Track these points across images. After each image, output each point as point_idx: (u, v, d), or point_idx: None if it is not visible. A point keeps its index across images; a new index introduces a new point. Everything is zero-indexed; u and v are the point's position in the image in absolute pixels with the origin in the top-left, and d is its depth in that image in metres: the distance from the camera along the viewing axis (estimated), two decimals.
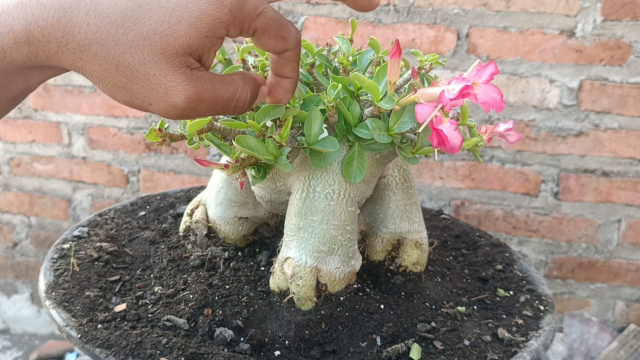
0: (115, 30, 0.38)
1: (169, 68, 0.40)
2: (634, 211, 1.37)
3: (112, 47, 0.39)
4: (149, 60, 0.39)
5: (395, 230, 0.75)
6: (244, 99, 0.44)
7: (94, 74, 0.40)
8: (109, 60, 0.39)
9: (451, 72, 1.33)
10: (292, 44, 0.44)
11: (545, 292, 0.79)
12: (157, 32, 0.39)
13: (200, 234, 0.79)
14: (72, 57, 0.39)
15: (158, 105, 0.41)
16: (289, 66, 0.46)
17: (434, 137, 0.50)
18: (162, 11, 0.39)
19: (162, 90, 0.40)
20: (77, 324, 0.62)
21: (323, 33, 1.35)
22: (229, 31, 0.41)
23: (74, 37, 0.38)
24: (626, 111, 1.30)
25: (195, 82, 0.41)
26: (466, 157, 1.39)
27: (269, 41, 0.43)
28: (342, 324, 0.65)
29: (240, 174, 0.60)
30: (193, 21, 0.39)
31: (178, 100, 0.40)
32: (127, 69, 0.39)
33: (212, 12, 0.39)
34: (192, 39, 0.40)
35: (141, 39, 0.39)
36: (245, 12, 0.40)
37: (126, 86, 0.40)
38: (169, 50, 0.39)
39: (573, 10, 1.26)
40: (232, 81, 0.43)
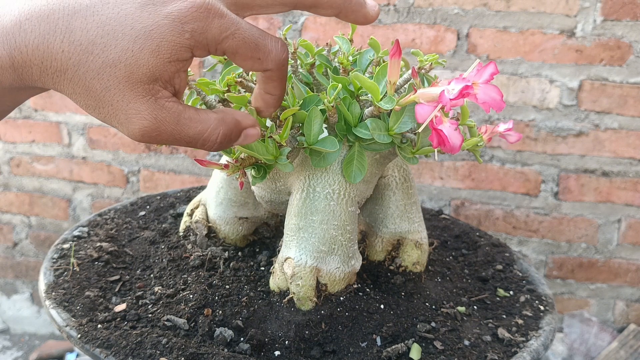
0: (85, 58, 0.39)
1: (132, 96, 0.40)
2: (634, 211, 1.37)
3: (83, 73, 0.40)
4: (113, 87, 0.40)
5: (395, 230, 0.75)
6: (213, 140, 0.43)
7: (71, 96, 0.41)
8: (81, 86, 0.40)
9: (451, 72, 1.33)
10: (271, 65, 0.43)
11: (545, 292, 0.79)
12: (122, 60, 0.39)
13: (200, 234, 0.79)
14: (52, 81, 0.40)
15: (121, 129, 0.42)
16: (270, 84, 0.45)
17: (434, 137, 0.50)
18: (126, 39, 0.39)
19: (122, 116, 0.41)
20: (77, 324, 0.62)
21: (323, 33, 1.35)
22: (194, 53, 0.41)
23: (51, 64, 0.40)
24: (626, 111, 1.30)
25: (157, 112, 0.41)
26: (466, 157, 1.39)
27: (242, 62, 0.42)
28: (342, 324, 0.65)
29: (240, 174, 0.60)
30: (154, 49, 0.39)
31: (135, 129, 0.41)
32: (96, 94, 0.40)
33: (172, 38, 0.39)
34: (154, 67, 0.40)
35: (107, 67, 0.39)
36: (209, 37, 0.40)
37: (96, 109, 0.41)
38: (132, 79, 0.40)
39: (573, 10, 1.26)
40: (204, 120, 0.43)
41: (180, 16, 0.39)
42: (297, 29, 1.37)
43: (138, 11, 0.40)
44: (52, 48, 0.39)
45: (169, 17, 0.39)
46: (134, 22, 0.39)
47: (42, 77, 0.40)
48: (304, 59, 0.68)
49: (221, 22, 0.40)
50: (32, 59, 0.39)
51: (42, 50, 0.39)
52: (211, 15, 0.40)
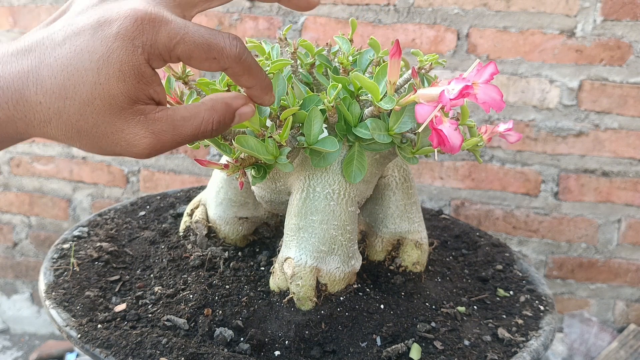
0: (63, 103, 0.40)
1: (122, 123, 0.41)
2: (634, 211, 1.37)
3: (67, 118, 0.40)
4: (101, 122, 0.41)
5: (395, 230, 0.75)
6: (210, 130, 0.44)
7: (67, 141, 0.42)
8: (71, 129, 0.41)
9: (451, 72, 1.33)
10: (228, 62, 0.43)
11: (545, 292, 0.79)
12: (96, 95, 0.40)
13: (200, 234, 0.79)
14: (40, 131, 0.41)
15: (128, 155, 0.43)
16: (241, 79, 0.45)
17: (434, 137, 0.50)
18: (90, 74, 0.40)
19: (124, 144, 0.42)
20: (77, 324, 0.62)
21: (323, 33, 1.35)
22: (152, 65, 0.41)
23: (34, 116, 0.40)
24: (626, 111, 1.30)
25: (153, 127, 0.42)
26: (466, 157, 1.39)
27: (199, 65, 0.42)
28: (342, 324, 0.65)
29: (240, 174, 0.60)
30: (118, 75, 0.40)
31: (140, 150, 0.42)
32: (88, 133, 0.41)
33: (128, 58, 0.40)
34: (127, 90, 0.40)
35: (86, 106, 0.40)
36: (160, 47, 0.40)
37: (95, 144, 0.42)
38: (114, 108, 0.40)
39: (573, 10, 1.26)
40: (195, 114, 0.43)
41: (127, 34, 0.40)
42: (297, 29, 1.37)
43: (91, 41, 0.40)
44: (30, 101, 0.40)
45: (118, 37, 0.40)
46: (91, 54, 0.40)
47: (29, 129, 0.41)
48: (304, 59, 0.68)
49: (168, 30, 0.40)
50: (15, 114, 0.40)
51: (22, 104, 0.40)
52: (156, 24, 0.40)
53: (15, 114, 0.40)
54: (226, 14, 1.39)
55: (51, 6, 1.46)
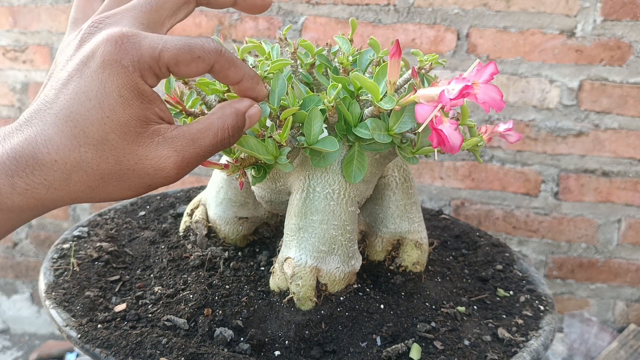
0: (78, 154, 0.39)
1: (144, 149, 0.41)
2: (634, 211, 1.37)
3: (87, 167, 0.40)
4: (122, 156, 0.40)
5: (395, 230, 0.75)
6: (227, 137, 0.44)
7: (90, 195, 0.41)
8: (94, 178, 0.40)
9: (451, 72, 1.33)
10: (212, 57, 0.43)
11: (545, 292, 0.79)
12: (107, 131, 0.39)
13: (200, 234, 0.79)
14: (62, 193, 0.40)
15: (157, 181, 0.42)
16: (228, 73, 0.45)
17: (434, 137, 0.50)
18: (94, 112, 0.39)
19: (151, 170, 0.41)
20: (77, 324, 0.62)
21: (323, 33, 1.35)
22: (148, 82, 0.41)
23: (54, 177, 0.39)
24: (626, 111, 1.30)
25: (174, 144, 0.41)
26: (466, 157, 1.39)
27: (188, 69, 0.42)
28: (342, 324, 0.65)
29: (240, 174, 0.60)
30: (121, 101, 0.39)
31: (168, 171, 0.41)
32: (112, 174, 0.40)
33: (124, 81, 0.40)
34: (135, 113, 0.40)
35: (102, 146, 0.39)
36: (147, 59, 0.40)
37: (123, 185, 0.41)
38: (130, 137, 0.40)
39: (573, 10, 1.26)
40: (209, 125, 0.43)
41: (112, 58, 0.39)
42: (297, 29, 1.37)
43: (82, 82, 0.40)
44: (46, 164, 0.39)
45: (105, 65, 0.39)
46: (87, 93, 0.39)
47: (50, 193, 0.39)
48: (304, 59, 0.68)
49: (148, 42, 0.40)
50: (34, 181, 0.39)
51: (39, 169, 0.39)
52: (135, 40, 0.40)
53: (35, 180, 0.39)
54: (226, 14, 1.39)
55: (51, 6, 1.46)
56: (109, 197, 0.42)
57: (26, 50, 1.52)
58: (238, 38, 1.40)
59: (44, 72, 1.53)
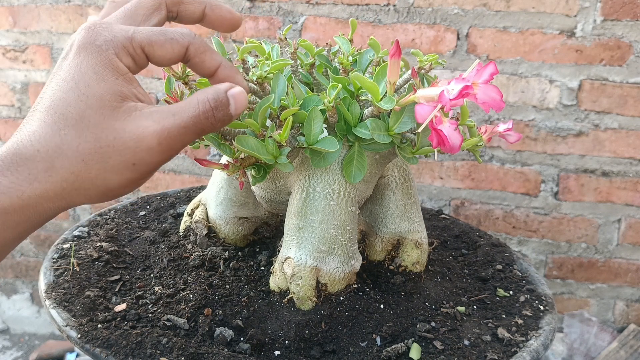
0: (59, 137, 0.40)
1: (121, 123, 0.41)
2: (634, 211, 1.37)
3: (68, 149, 0.40)
4: (101, 132, 0.40)
5: (395, 230, 0.75)
6: (210, 109, 0.43)
7: (72, 181, 0.41)
8: (75, 162, 0.40)
9: (451, 72, 1.33)
10: (186, 38, 0.44)
11: (545, 292, 0.79)
12: (83, 108, 0.40)
13: (200, 233, 0.79)
14: (45, 185, 0.40)
15: (140, 160, 0.41)
16: (204, 57, 0.45)
17: (434, 137, 0.50)
18: (72, 93, 0.41)
19: (131, 143, 0.41)
20: (77, 323, 0.62)
21: (323, 33, 1.35)
22: (123, 61, 0.42)
23: (36, 167, 0.40)
24: (626, 111, 1.30)
25: (152, 116, 0.42)
26: (466, 157, 1.39)
27: (163, 50, 0.43)
28: (342, 323, 0.65)
29: (240, 174, 0.60)
30: (95, 77, 0.41)
31: (149, 141, 0.41)
32: (93, 154, 0.40)
33: (98, 58, 0.41)
34: (110, 87, 0.41)
35: (80, 124, 0.40)
36: (120, 38, 0.42)
37: (105, 165, 0.41)
38: (106, 111, 0.41)
39: (573, 10, 1.26)
40: (188, 101, 0.43)
41: (86, 41, 0.41)
42: (297, 29, 1.37)
43: (62, 73, 0.41)
44: (28, 155, 0.40)
45: (80, 49, 0.41)
46: (65, 80, 0.41)
47: (34, 187, 0.40)
48: (304, 59, 0.68)
49: (120, 27, 0.42)
50: (19, 177, 0.39)
51: (23, 163, 0.40)
52: (108, 25, 0.42)
53: (19, 177, 0.39)
54: None
55: (51, 6, 1.46)
56: (94, 187, 0.41)
57: (26, 50, 1.52)
58: (238, 38, 1.40)
59: (44, 72, 1.53)
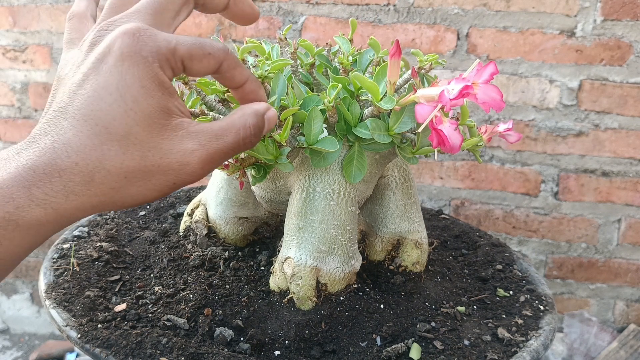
0: (101, 152, 0.37)
1: (169, 142, 0.39)
2: (634, 211, 1.37)
3: (111, 165, 0.38)
4: (148, 150, 0.38)
5: (395, 230, 0.75)
6: (250, 135, 0.43)
7: (113, 197, 0.39)
8: (118, 178, 0.38)
9: (451, 72, 1.33)
10: (221, 54, 0.43)
11: (545, 292, 0.79)
12: (131, 124, 0.38)
13: (200, 233, 0.79)
14: (82, 199, 0.38)
15: (182, 178, 0.40)
16: (235, 73, 0.44)
17: (434, 137, 0.50)
18: (116, 106, 0.38)
19: (176, 165, 0.39)
20: (77, 323, 0.62)
21: (323, 33, 1.35)
22: (166, 74, 0.40)
23: (74, 180, 0.37)
24: (626, 111, 1.30)
25: (198, 138, 0.40)
26: (466, 157, 1.39)
27: (200, 64, 0.42)
28: (342, 323, 0.65)
29: (240, 174, 0.60)
30: (143, 91, 0.38)
31: (193, 167, 0.40)
32: (137, 171, 0.38)
33: (145, 71, 0.38)
34: (158, 104, 0.39)
35: (126, 140, 0.38)
36: (164, 51, 0.39)
37: (148, 184, 0.39)
38: (154, 129, 0.39)
39: (573, 10, 1.26)
40: (231, 122, 0.42)
41: (131, 49, 0.38)
42: (297, 29, 1.37)
43: (101, 77, 0.38)
44: (65, 168, 0.37)
45: (125, 57, 0.38)
46: (107, 88, 0.38)
47: (70, 200, 0.37)
48: (304, 59, 0.68)
49: (163, 35, 0.40)
50: (53, 189, 0.37)
51: (58, 175, 0.37)
52: (151, 34, 0.39)
53: (53, 189, 0.37)
54: None
55: (51, 6, 1.46)
56: (131, 200, 0.40)
57: (26, 50, 1.52)
58: (238, 38, 1.40)
59: (44, 72, 1.53)
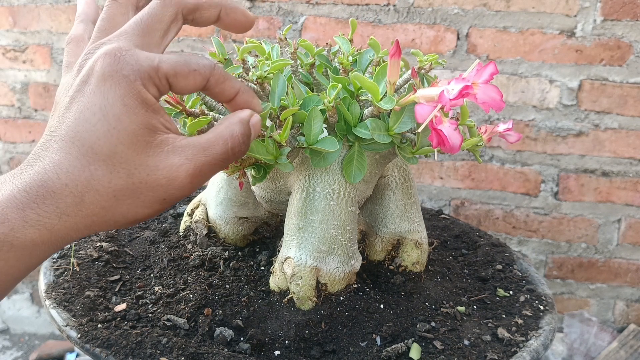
0: (89, 172, 0.38)
1: (154, 159, 0.39)
2: (634, 211, 1.37)
3: (99, 184, 0.38)
4: (134, 168, 0.39)
5: (395, 230, 0.75)
6: (239, 143, 0.43)
7: (103, 216, 0.39)
8: (107, 197, 0.39)
9: (451, 72, 1.33)
10: (208, 70, 0.42)
11: (545, 292, 0.79)
12: (115, 143, 0.38)
13: (200, 233, 0.80)
14: (74, 219, 0.39)
15: (171, 196, 0.40)
16: (224, 87, 0.44)
17: (434, 137, 0.50)
18: (100, 126, 0.38)
19: (164, 181, 0.40)
20: (77, 323, 0.62)
21: (323, 33, 1.35)
22: (150, 91, 0.40)
23: (65, 201, 0.38)
24: (626, 111, 1.30)
25: (184, 153, 0.40)
26: (466, 157, 1.39)
27: (186, 81, 0.41)
28: (342, 323, 0.66)
29: (240, 174, 0.60)
30: (126, 110, 0.39)
31: (181, 180, 0.40)
32: (125, 189, 0.39)
33: (126, 89, 0.39)
34: (141, 121, 0.39)
35: (112, 159, 0.38)
36: (146, 68, 0.39)
37: (137, 201, 0.40)
38: (139, 147, 0.39)
39: (573, 10, 1.26)
40: (217, 134, 0.42)
41: (112, 69, 0.39)
42: (297, 29, 1.37)
43: (85, 100, 0.39)
44: (56, 189, 0.38)
45: (106, 77, 0.39)
46: (90, 109, 0.39)
47: (63, 221, 0.38)
48: (304, 59, 0.68)
49: (145, 54, 0.40)
50: (46, 210, 0.38)
51: (50, 196, 0.38)
52: (133, 53, 0.40)
53: (46, 210, 0.38)
54: None
55: (51, 6, 1.46)
56: (124, 219, 0.40)
57: (26, 50, 1.52)
58: (238, 38, 1.40)
59: (44, 72, 1.53)
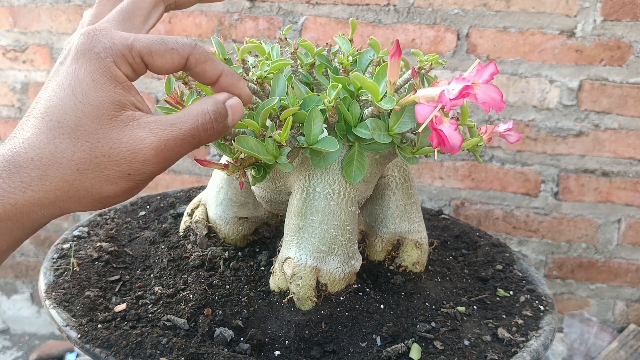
0: (53, 145, 0.39)
1: (118, 132, 0.40)
2: (634, 211, 1.37)
3: (62, 157, 0.39)
4: (97, 141, 0.40)
5: (395, 230, 0.75)
6: (210, 121, 0.43)
7: (67, 190, 0.40)
8: (70, 171, 0.39)
9: (451, 72, 1.33)
10: (186, 48, 0.43)
11: (545, 292, 0.79)
12: (80, 116, 0.39)
13: (200, 234, 0.79)
14: (38, 194, 0.40)
15: (137, 171, 0.41)
16: (205, 67, 0.44)
17: (434, 137, 0.50)
18: (68, 100, 0.40)
19: (127, 154, 0.40)
20: (77, 323, 0.62)
21: (323, 33, 1.35)
22: (122, 69, 0.41)
23: (29, 175, 0.39)
24: (626, 111, 1.30)
25: (150, 127, 0.41)
26: (466, 157, 1.39)
27: (162, 60, 0.42)
28: (342, 324, 0.65)
29: (240, 174, 0.60)
30: (93, 85, 0.40)
31: (146, 153, 0.40)
32: (88, 163, 0.40)
33: (96, 66, 0.40)
34: (108, 96, 0.40)
35: (76, 132, 0.39)
36: (119, 46, 0.40)
37: (100, 175, 0.40)
38: (103, 120, 0.40)
39: (573, 11, 1.26)
40: (187, 111, 0.43)
41: (85, 48, 0.40)
42: (297, 29, 1.37)
43: (59, 79, 0.40)
44: (22, 163, 0.39)
45: (79, 56, 0.40)
46: (62, 86, 0.40)
47: (27, 195, 0.39)
48: (304, 59, 0.68)
49: (120, 34, 0.41)
50: (11, 185, 0.39)
51: (16, 170, 0.39)
52: (108, 32, 0.41)
53: (12, 185, 0.38)
54: (226, 14, 1.39)
55: (51, 6, 1.46)
56: (88, 195, 0.41)
57: (26, 50, 1.52)
58: (238, 38, 1.40)
59: (44, 72, 1.53)
